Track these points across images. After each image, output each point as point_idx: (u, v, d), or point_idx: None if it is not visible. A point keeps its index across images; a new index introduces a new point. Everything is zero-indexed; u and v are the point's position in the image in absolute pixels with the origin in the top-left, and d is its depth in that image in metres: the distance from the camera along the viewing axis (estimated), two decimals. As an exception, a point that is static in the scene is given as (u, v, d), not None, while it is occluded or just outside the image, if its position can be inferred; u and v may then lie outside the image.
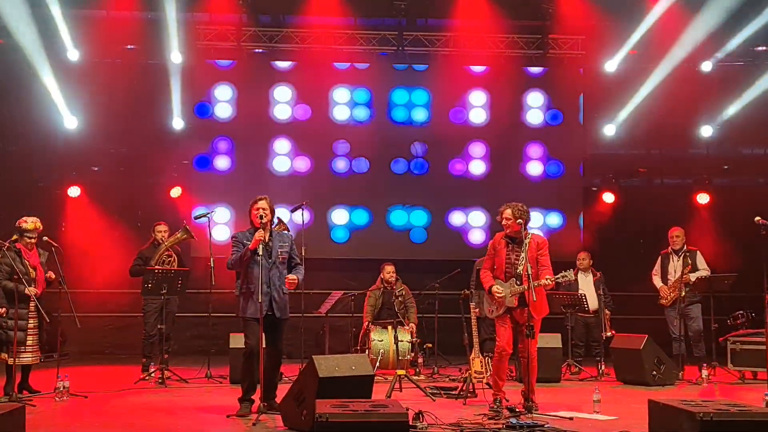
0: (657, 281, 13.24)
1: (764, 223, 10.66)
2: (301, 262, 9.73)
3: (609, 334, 13.14)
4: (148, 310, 12.46)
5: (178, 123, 16.34)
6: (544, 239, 9.72)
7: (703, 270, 12.91)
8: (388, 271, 13.33)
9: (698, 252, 13.11)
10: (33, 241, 10.56)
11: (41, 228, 10.63)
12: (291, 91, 16.72)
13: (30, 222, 10.55)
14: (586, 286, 13.46)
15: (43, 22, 15.15)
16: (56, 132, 15.93)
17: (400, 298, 13.12)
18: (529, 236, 9.50)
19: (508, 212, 9.53)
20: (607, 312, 13.44)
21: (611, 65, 16.71)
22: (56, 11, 15.16)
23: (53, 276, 10.66)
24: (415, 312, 13.25)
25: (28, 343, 10.37)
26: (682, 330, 12.72)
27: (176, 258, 12.69)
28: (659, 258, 13.34)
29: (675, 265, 13.00)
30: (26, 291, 10.16)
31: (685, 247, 13.08)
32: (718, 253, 14.33)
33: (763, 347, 11.46)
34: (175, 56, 16.00)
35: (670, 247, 13.18)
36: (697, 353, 12.85)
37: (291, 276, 9.29)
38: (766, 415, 7.10)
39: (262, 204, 9.33)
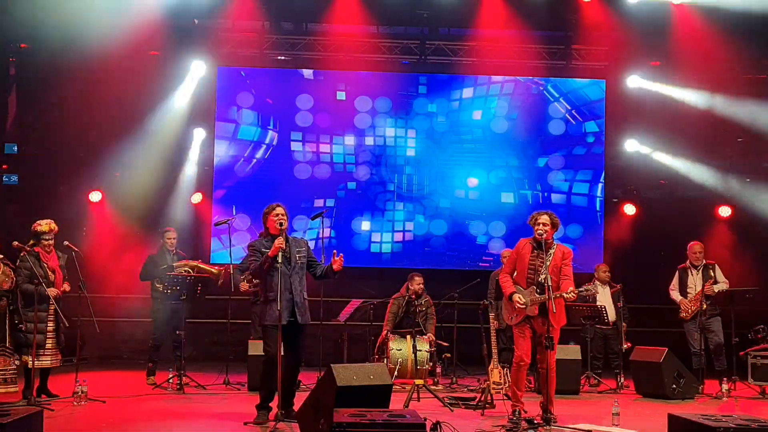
0: (676, 295, 13.13)
1: (786, 236, 10.62)
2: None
3: (625, 346, 13.07)
4: (159, 316, 12.47)
5: (199, 130, 16.37)
6: (570, 250, 9.70)
7: (723, 283, 12.82)
8: (418, 282, 13.17)
9: (716, 265, 13.02)
10: (50, 242, 10.60)
11: (56, 229, 10.66)
12: (312, 99, 16.71)
13: (44, 224, 10.59)
14: (605, 298, 13.39)
15: (68, 27, 15.20)
16: (78, 137, 15.97)
17: (423, 310, 13.05)
18: (555, 245, 9.47)
19: (545, 218, 9.50)
20: (623, 324, 13.38)
21: (634, 76, 16.67)
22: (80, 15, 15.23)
23: (68, 289, 10.70)
24: (434, 323, 13.19)
25: (47, 346, 10.41)
26: (703, 344, 12.63)
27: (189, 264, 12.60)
28: (677, 273, 13.23)
29: (694, 279, 12.90)
30: (47, 291, 10.18)
31: (703, 261, 12.99)
32: (739, 267, 14.25)
33: (784, 362, 11.42)
34: (198, 63, 16.06)
35: (688, 261, 13.08)
36: (718, 367, 12.75)
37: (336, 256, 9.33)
38: (786, 430, 7.05)
39: (280, 210, 9.36)
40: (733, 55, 15.83)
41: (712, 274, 12.80)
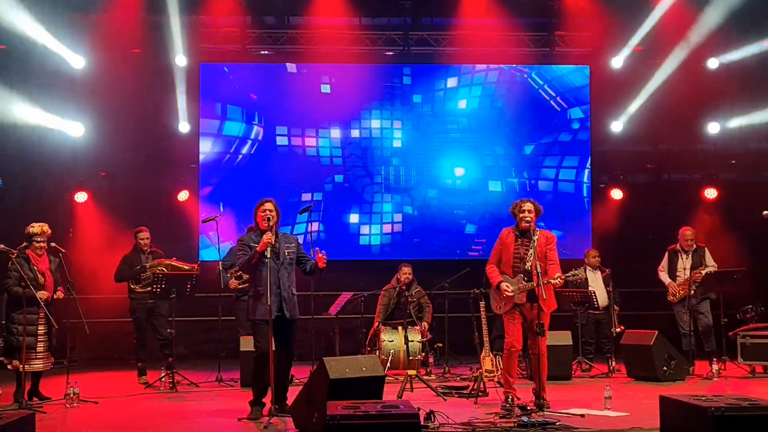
0: (664, 277, 13.19)
1: (772, 217, 10.66)
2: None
3: (618, 330, 13.11)
4: (138, 316, 12.45)
5: (184, 126, 16.34)
6: (553, 235, 9.71)
7: (711, 266, 12.86)
8: (406, 272, 13.26)
9: (706, 249, 13.05)
10: (42, 245, 10.57)
11: (49, 232, 10.64)
12: (297, 93, 16.68)
13: (37, 227, 10.58)
14: (596, 283, 13.42)
15: (48, 27, 15.14)
16: (63, 138, 15.91)
17: (415, 300, 13.07)
18: (538, 232, 9.49)
19: (528, 205, 9.53)
20: (615, 308, 13.41)
21: (617, 62, 16.70)
22: (59, 17, 15.17)
23: (61, 296, 10.67)
24: (431, 312, 13.22)
25: (39, 349, 10.38)
26: (692, 325, 12.68)
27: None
28: (666, 254, 13.28)
29: (684, 263, 12.94)
30: (37, 294, 10.16)
31: (694, 246, 13.02)
32: (726, 248, 14.28)
33: (773, 341, 11.48)
34: (180, 59, 16.02)
35: (678, 244, 13.13)
36: (707, 348, 12.81)
37: (319, 253, 9.31)
38: (777, 409, 7.07)
39: (269, 206, 9.35)
40: (716, 37, 15.84)
41: (703, 258, 12.84)
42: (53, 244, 10.70)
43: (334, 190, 16.62)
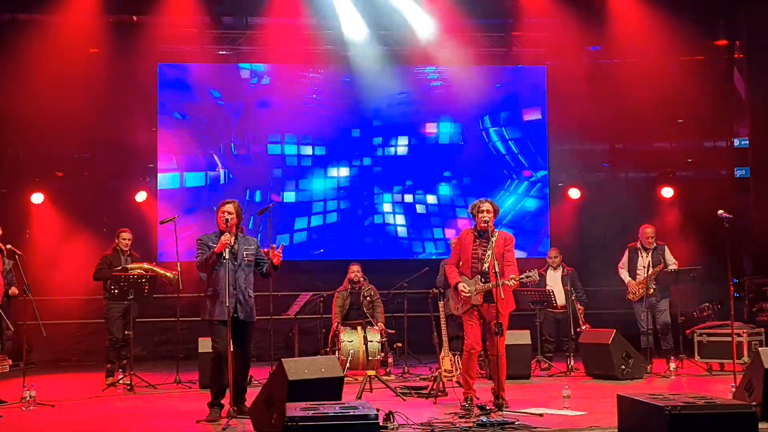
0: (624, 275, 13.26)
1: (727, 216, 10.77)
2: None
3: (583, 328, 13.18)
4: (112, 316, 12.33)
5: (142, 127, 16.19)
6: (511, 236, 9.73)
7: (672, 264, 12.96)
8: (354, 271, 13.33)
9: (666, 246, 13.16)
10: None
11: None
12: (255, 93, 16.64)
13: None
14: (554, 281, 13.50)
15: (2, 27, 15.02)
16: (17, 138, 15.75)
17: (368, 299, 13.11)
18: (497, 232, 9.53)
19: (487, 205, 9.55)
20: (580, 307, 13.47)
21: (574, 61, 16.75)
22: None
23: (16, 292, 10.56)
24: (382, 311, 13.24)
25: (-6, 352, 10.29)
26: (650, 323, 12.79)
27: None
28: (627, 251, 13.36)
29: (644, 261, 13.02)
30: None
31: (654, 243, 13.11)
32: (683, 246, 14.39)
33: (730, 339, 11.59)
34: (139, 60, 15.89)
35: (639, 242, 13.21)
36: (664, 346, 12.91)
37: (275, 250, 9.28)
38: (733, 407, 7.15)
39: (228, 207, 9.34)
40: (671, 37, 15.96)
41: (662, 256, 12.95)
42: (9, 246, 10.59)
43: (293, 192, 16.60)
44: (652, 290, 12.71)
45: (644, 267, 12.97)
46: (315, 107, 16.76)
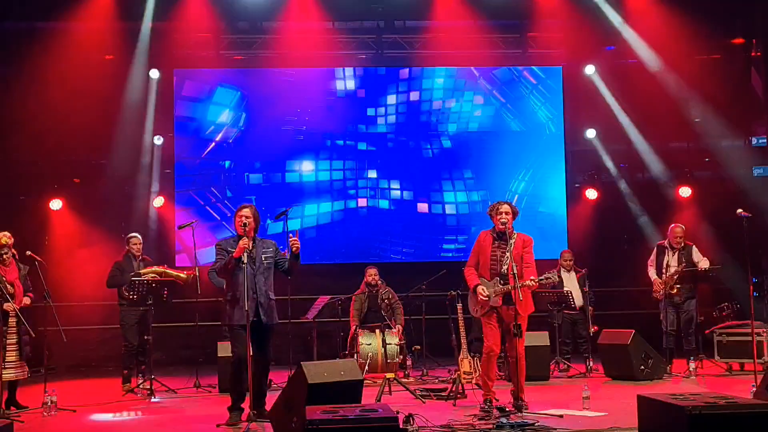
0: (652, 273, 13.06)
1: (746, 215, 10.71)
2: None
3: (592, 330, 13.15)
4: (127, 322, 12.33)
5: (158, 133, 16.27)
6: (530, 238, 9.70)
7: (703, 261, 12.78)
8: (371, 274, 13.33)
9: (694, 246, 12.98)
10: (6, 256, 10.48)
11: (10, 242, 10.52)
12: (272, 97, 16.66)
13: None
14: (571, 283, 13.46)
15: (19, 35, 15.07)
16: (35, 145, 15.82)
17: (386, 301, 13.11)
18: (516, 234, 9.51)
19: (506, 207, 9.53)
20: (590, 308, 13.45)
21: (590, 61, 16.72)
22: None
23: (28, 303, 10.60)
24: (402, 314, 13.24)
25: (11, 358, 10.30)
26: (674, 324, 12.69)
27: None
28: (655, 249, 13.21)
29: (670, 260, 12.89)
30: (5, 306, 10.11)
31: (682, 243, 13.02)
32: (701, 246, 14.32)
33: (749, 339, 11.54)
34: (154, 66, 15.95)
35: (667, 240, 13.08)
36: (686, 347, 12.77)
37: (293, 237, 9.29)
38: (755, 407, 7.12)
39: (246, 212, 9.36)
40: (688, 36, 15.91)
41: (687, 256, 12.76)
42: (28, 253, 10.64)
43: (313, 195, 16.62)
44: (675, 290, 12.63)
45: (669, 266, 12.81)
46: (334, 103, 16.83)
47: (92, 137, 15.95)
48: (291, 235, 9.36)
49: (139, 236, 12.72)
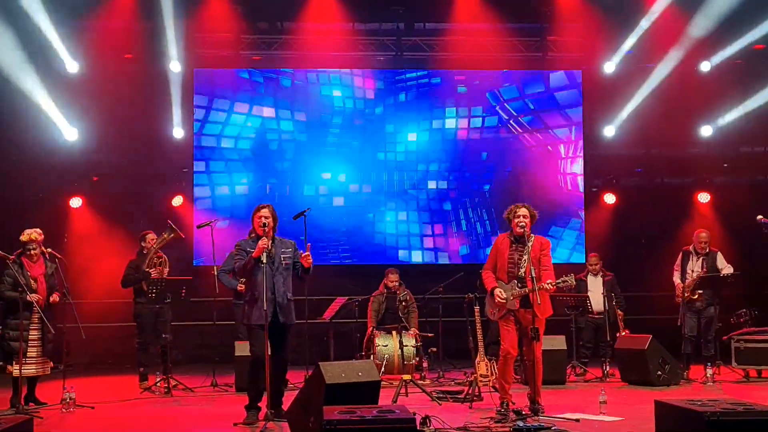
0: (677, 277, 12.97)
1: (765, 221, 10.68)
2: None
3: (623, 333, 13.09)
4: (143, 320, 12.40)
5: (178, 132, 16.34)
6: (548, 240, 9.70)
7: (726, 269, 12.72)
8: (392, 279, 13.33)
9: (719, 253, 12.88)
10: (34, 252, 10.57)
11: (39, 238, 10.62)
12: (291, 97, 16.69)
13: (25, 234, 10.60)
14: (595, 287, 13.40)
15: (35, 36, 15.11)
16: (56, 144, 15.89)
17: (403, 303, 13.12)
18: (533, 237, 9.51)
19: (524, 210, 9.52)
20: (619, 312, 13.39)
21: (610, 66, 16.69)
22: (47, 25, 15.12)
23: (57, 300, 10.67)
24: (416, 317, 13.26)
25: (32, 354, 10.39)
26: (694, 329, 12.63)
27: (166, 259, 12.57)
28: (680, 254, 13.12)
29: (694, 265, 12.82)
30: (28, 297, 10.19)
31: (707, 249, 12.94)
32: (721, 252, 14.33)
33: (767, 345, 11.50)
34: (174, 65, 16.02)
35: (692, 245, 13.01)
36: (705, 353, 12.67)
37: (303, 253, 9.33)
38: (773, 413, 7.11)
39: (265, 212, 9.38)
40: (705, 40, 15.88)
41: (714, 262, 12.65)
42: (49, 250, 10.72)
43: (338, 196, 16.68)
44: (697, 295, 12.57)
45: (692, 271, 12.70)
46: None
47: (112, 135, 16.03)
48: (302, 252, 9.38)
49: (153, 233, 12.76)
